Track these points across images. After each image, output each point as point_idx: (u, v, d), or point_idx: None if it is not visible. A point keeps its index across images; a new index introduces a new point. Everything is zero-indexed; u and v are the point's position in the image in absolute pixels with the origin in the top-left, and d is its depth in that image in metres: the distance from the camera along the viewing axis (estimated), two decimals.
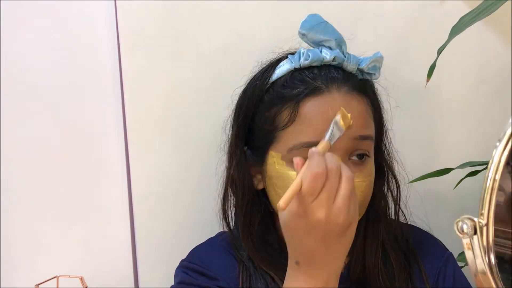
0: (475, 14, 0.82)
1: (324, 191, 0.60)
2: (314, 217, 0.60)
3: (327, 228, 0.61)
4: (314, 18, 0.79)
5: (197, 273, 0.81)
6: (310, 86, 0.76)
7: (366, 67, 0.80)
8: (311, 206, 0.60)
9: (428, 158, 1.05)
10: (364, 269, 0.81)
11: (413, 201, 0.92)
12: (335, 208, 0.60)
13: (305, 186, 0.60)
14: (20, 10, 0.98)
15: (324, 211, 0.60)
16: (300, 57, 0.79)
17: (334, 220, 0.60)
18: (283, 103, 0.77)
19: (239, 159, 0.82)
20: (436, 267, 0.85)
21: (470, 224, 0.51)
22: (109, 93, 1.01)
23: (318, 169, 0.60)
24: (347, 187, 0.61)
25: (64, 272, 0.89)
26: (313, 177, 0.60)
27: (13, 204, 1.00)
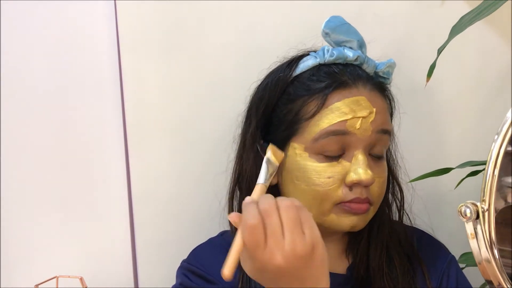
0: (475, 13, 0.82)
1: (269, 236, 0.58)
2: (272, 265, 0.58)
3: (291, 267, 0.58)
4: (337, 19, 0.82)
5: (196, 276, 0.82)
6: (337, 79, 0.78)
7: (382, 71, 0.83)
8: (264, 257, 0.58)
9: (428, 157, 1.05)
10: (368, 271, 0.82)
11: (416, 202, 0.92)
12: (287, 245, 0.58)
13: (247, 243, 0.58)
14: (20, 10, 0.98)
15: (277, 255, 0.58)
16: (324, 54, 0.81)
17: (292, 256, 0.58)
18: (310, 94, 0.78)
19: (256, 153, 0.82)
20: (439, 270, 0.85)
21: (473, 208, 0.53)
22: (109, 93, 1.01)
23: (253, 220, 0.58)
24: (291, 217, 0.59)
25: (64, 272, 0.89)
26: (250, 231, 0.58)
27: (13, 204, 1.00)
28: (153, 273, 1.03)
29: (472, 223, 0.53)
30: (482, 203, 0.53)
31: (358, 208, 0.76)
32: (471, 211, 0.53)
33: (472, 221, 0.53)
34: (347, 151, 0.77)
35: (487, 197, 0.52)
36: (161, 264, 1.02)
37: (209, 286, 0.80)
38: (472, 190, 0.96)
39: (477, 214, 0.52)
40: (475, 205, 0.53)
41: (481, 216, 0.52)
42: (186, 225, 1.02)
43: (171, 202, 1.02)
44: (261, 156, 0.81)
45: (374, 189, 0.78)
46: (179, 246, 0.90)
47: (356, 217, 0.77)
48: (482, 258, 0.53)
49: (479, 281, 0.97)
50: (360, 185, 0.76)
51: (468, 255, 0.96)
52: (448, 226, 1.02)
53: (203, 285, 0.81)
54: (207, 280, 0.81)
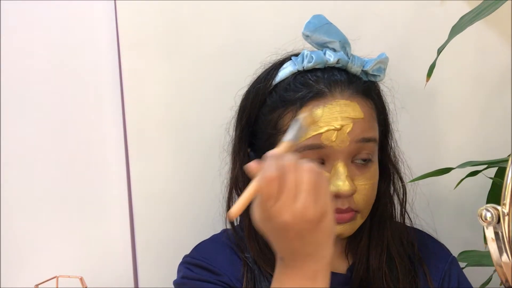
0: (475, 13, 0.82)
1: (283, 192, 0.57)
2: (280, 220, 0.57)
3: (297, 227, 0.57)
4: (318, 19, 0.79)
5: (200, 268, 0.81)
6: (313, 89, 0.76)
7: (371, 68, 0.80)
8: (273, 210, 0.57)
9: (428, 157, 1.05)
10: (368, 271, 0.81)
11: (416, 202, 0.92)
12: (299, 205, 0.57)
13: (262, 193, 0.57)
14: (20, 10, 0.98)
15: (287, 213, 0.56)
16: (303, 59, 0.78)
17: (301, 218, 0.57)
18: (286, 106, 0.77)
19: (242, 161, 0.82)
20: (441, 271, 0.85)
21: (494, 212, 0.51)
22: (109, 93, 1.01)
23: (271, 172, 0.57)
24: (309, 180, 0.57)
25: (64, 272, 0.88)
26: (266, 182, 0.57)
27: (13, 204, 1.00)
28: (153, 273, 1.03)
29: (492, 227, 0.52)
30: (503, 206, 0.52)
31: (341, 218, 0.76)
32: (492, 215, 0.52)
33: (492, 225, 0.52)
34: (327, 161, 0.75)
35: (508, 200, 0.51)
36: (161, 264, 1.02)
37: (214, 276, 0.79)
38: (472, 190, 0.96)
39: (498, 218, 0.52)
40: (496, 208, 0.52)
41: (502, 220, 0.51)
42: (186, 225, 1.02)
43: (171, 202, 1.02)
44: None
45: (358, 198, 0.76)
46: (179, 246, 0.90)
47: (340, 226, 0.76)
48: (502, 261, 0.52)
49: (479, 281, 0.97)
50: (340, 196, 0.74)
51: (467, 253, 0.96)
52: (448, 226, 1.03)
53: (206, 276, 0.80)
54: (211, 271, 0.80)
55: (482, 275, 0.98)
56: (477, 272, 0.96)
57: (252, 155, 0.83)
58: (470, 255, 0.96)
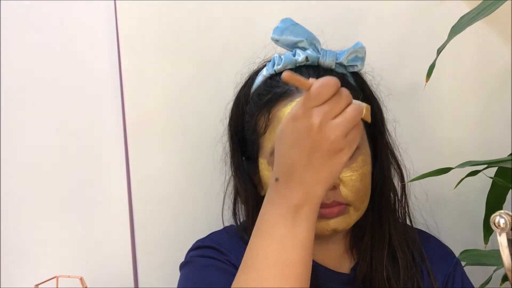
0: (475, 14, 0.82)
1: (328, 102, 0.57)
2: (309, 121, 0.57)
3: (316, 139, 0.57)
4: (285, 22, 0.81)
5: (208, 248, 0.82)
6: (280, 90, 0.78)
7: (345, 59, 0.80)
8: (310, 110, 0.57)
9: (427, 157, 1.04)
10: (371, 267, 0.81)
11: (415, 202, 0.92)
12: (332, 122, 0.57)
13: (313, 88, 0.57)
14: (20, 10, 0.98)
15: (320, 118, 0.57)
16: (274, 63, 0.81)
17: (326, 132, 0.57)
18: (259, 110, 0.79)
19: (237, 169, 0.84)
20: (445, 272, 0.85)
21: (507, 219, 0.51)
22: (109, 93, 1.01)
23: (333, 79, 0.57)
24: (352, 113, 0.58)
25: (64, 272, 0.89)
26: (323, 84, 0.57)
27: (13, 204, 1.00)
28: (153, 273, 1.03)
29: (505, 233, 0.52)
30: None
31: (328, 212, 0.76)
32: (506, 222, 0.51)
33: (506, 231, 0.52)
34: None
35: None
36: (161, 264, 1.02)
37: (221, 255, 0.80)
38: (472, 190, 0.96)
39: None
40: (509, 215, 0.52)
41: None
42: (186, 225, 1.02)
43: (171, 202, 1.02)
44: (246, 171, 0.84)
45: (345, 190, 0.76)
46: (179, 246, 0.90)
47: (332, 221, 0.77)
48: None
49: (479, 281, 0.97)
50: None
51: (468, 252, 0.96)
52: (448, 226, 1.02)
53: (214, 254, 0.80)
54: (219, 251, 0.81)
55: (482, 275, 0.98)
56: (477, 272, 0.96)
57: (245, 163, 0.85)
58: (471, 254, 0.96)
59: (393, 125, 0.89)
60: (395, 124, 0.89)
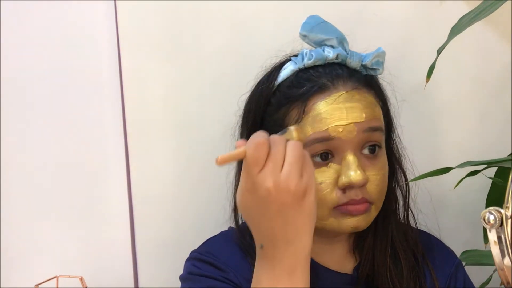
0: (475, 14, 0.82)
1: (269, 160, 0.58)
2: (263, 188, 0.58)
3: (279, 197, 0.58)
4: (314, 19, 0.80)
5: (207, 264, 0.81)
6: (316, 83, 0.77)
7: (370, 62, 0.80)
8: (258, 177, 0.58)
9: (427, 157, 1.05)
10: (373, 267, 0.81)
11: (415, 202, 0.92)
12: (282, 175, 0.58)
13: (249, 156, 0.58)
14: (20, 10, 0.98)
15: (271, 179, 0.58)
16: (303, 58, 0.79)
17: (284, 187, 0.58)
18: (291, 103, 0.77)
19: None
20: (447, 273, 0.85)
21: (497, 215, 0.52)
22: (109, 93, 1.01)
23: (262, 138, 0.59)
24: (293, 153, 0.59)
25: (64, 272, 0.89)
26: (255, 146, 0.58)
27: (13, 204, 1.00)
28: (153, 273, 1.03)
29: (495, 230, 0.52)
30: (506, 209, 0.52)
31: (356, 209, 0.75)
32: (495, 218, 0.52)
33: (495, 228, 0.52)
34: (336, 154, 0.75)
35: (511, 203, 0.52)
36: (161, 264, 1.02)
37: (220, 273, 0.80)
38: (471, 190, 0.96)
39: (501, 221, 0.52)
40: (499, 211, 0.52)
41: (505, 223, 0.52)
42: (186, 225, 1.02)
43: (171, 202, 1.02)
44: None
45: (371, 188, 0.76)
46: (179, 246, 0.90)
47: (355, 218, 0.76)
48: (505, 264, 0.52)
49: (479, 281, 0.97)
50: (353, 186, 0.74)
51: (468, 252, 0.96)
52: (448, 226, 1.02)
53: (212, 272, 0.80)
54: (218, 268, 0.80)
55: (482, 275, 0.98)
56: (477, 271, 0.96)
57: None
58: (471, 254, 0.96)
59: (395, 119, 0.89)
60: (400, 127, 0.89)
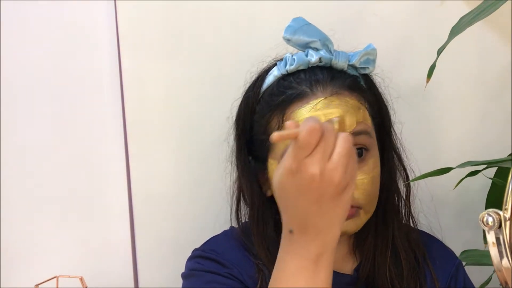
0: (475, 14, 0.82)
1: (319, 147, 0.57)
2: (308, 173, 0.57)
3: (321, 186, 0.57)
4: (297, 21, 0.80)
5: (209, 260, 0.81)
6: (296, 91, 0.77)
7: (358, 61, 0.80)
8: (305, 161, 0.57)
9: (428, 157, 1.05)
10: (374, 268, 0.81)
11: (415, 202, 0.92)
12: (330, 165, 0.57)
13: (301, 138, 0.57)
14: (20, 11, 0.98)
15: (318, 167, 0.56)
16: (286, 63, 0.79)
17: (328, 177, 0.57)
18: (272, 111, 0.78)
19: (243, 169, 0.83)
20: (448, 274, 0.85)
21: (495, 217, 0.52)
22: (109, 93, 1.01)
23: (314, 123, 0.57)
24: (343, 145, 0.58)
25: (64, 272, 0.89)
26: (308, 131, 0.57)
27: (13, 204, 1.00)
28: (153, 273, 1.03)
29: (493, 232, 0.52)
30: (505, 211, 0.52)
31: None
32: (494, 220, 0.52)
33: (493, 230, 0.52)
34: None
35: (509, 205, 0.52)
36: (161, 264, 1.02)
37: (224, 269, 0.79)
38: (471, 190, 0.96)
39: (500, 223, 0.52)
40: (497, 213, 0.52)
41: (503, 224, 0.52)
42: (187, 225, 1.02)
43: (171, 202, 1.02)
44: (254, 172, 0.82)
45: (357, 193, 0.75)
46: (179, 246, 0.90)
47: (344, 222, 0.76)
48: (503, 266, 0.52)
49: (479, 281, 0.97)
50: None
51: (468, 252, 0.96)
52: (448, 226, 1.02)
53: (216, 268, 0.79)
54: (220, 263, 0.80)
55: (482, 275, 0.98)
56: (477, 271, 0.96)
57: (253, 163, 0.83)
58: (471, 254, 0.96)
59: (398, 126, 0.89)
60: (400, 126, 0.89)
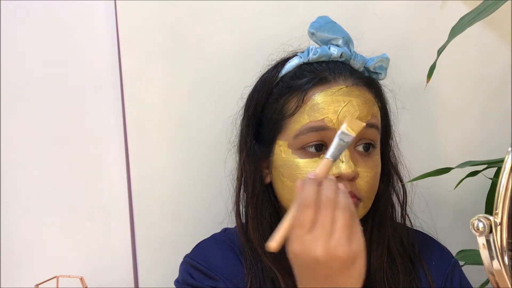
0: (475, 14, 0.82)
1: (319, 225, 0.57)
2: (311, 256, 0.57)
3: (327, 265, 0.57)
4: (323, 19, 0.83)
5: (198, 272, 0.82)
6: (317, 76, 0.79)
7: (373, 66, 0.83)
8: (306, 243, 0.57)
9: (427, 157, 1.05)
10: (369, 272, 0.81)
11: (415, 202, 0.92)
12: (333, 242, 0.56)
13: (297, 219, 0.58)
14: (20, 10, 0.98)
15: (320, 247, 0.56)
16: (309, 53, 0.82)
17: (334, 255, 0.56)
18: (291, 92, 0.79)
19: (248, 152, 0.84)
20: (443, 273, 0.85)
21: (486, 222, 0.52)
22: (109, 93, 1.01)
23: (307, 199, 0.58)
24: (345, 217, 0.58)
25: (64, 272, 0.89)
26: (301, 209, 0.58)
27: (13, 204, 1.00)
28: (153, 273, 1.03)
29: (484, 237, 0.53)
30: (495, 216, 0.53)
31: None
32: (484, 225, 0.52)
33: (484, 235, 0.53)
34: (329, 144, 0.75)
35: (500, 210, 0.52)
36: (161, 264, 1.02)
37: (210, 282, 0.81)
38: (471, 190, 0.96)
39: (490, 228, 0.52)
40: (488, 219, 0.53)
41: (494, 229, 0.52)
42: (186, 225, 1.02)
43: (171, 202, 1.02)
44: (257, 157, 0.83)
45: (361, 184, 0.77)
46: (179, 246, 0.90)
47: None
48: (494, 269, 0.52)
49: (479, 281, 0.97)
50: (342, 178, 0.74)
51: (465, 252, 0.96)
52: (448, 226, 1.02)
53: (204, 281, 0.81)
54: (208, 276, 0.81)
55: (481, 275, 0.98)
56: (477, 271, 0.96)
57: (257, 147, 0.84)
58: (469, 254, 0.96)
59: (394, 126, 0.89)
60: (395, 124, 0.89)
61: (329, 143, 0.75)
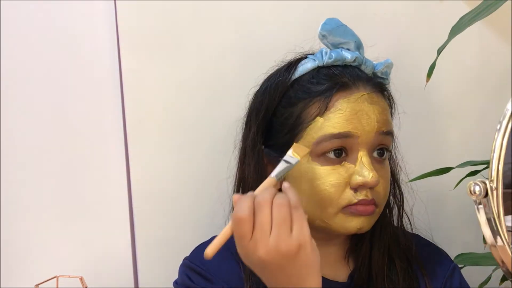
0: (475, 14, 0.82)
1: (256, 229, 0.61)
2: (255, 258, 0.61)
3: (273, 261, 0.61)
4: (333, 21, 0.82)
5: (196, 274, 0.82)
6: (338, 81, 0.78)
7: (380, 71, 0.83)
8: (249, 248, 0.61)
9: (427, 157, 1.05)
10: (370, 276, 0.81)
11: (415, 202, 0.92)
12: (271, 240, 0.60)
13: (234, 233, 0.62)
14: (20, 10, 0.98)
15: (262, 249, 0.61)
16: (323, 56, 0.81)
17: (275, 251, 0.60)
18: (311, 97, 0.78)
19: (257, 159, 0.82)
20: (442, 277, 0.85)
21: (482, 186, 0.54)
22: (109, 93, 1.01)
23: (242, 213, 0.61)
24: (279, 213, 0.61)
25: (64, 272, 0.89)
26: (237, 222, 0.61)
27: (13, 204, 1.00)
28: (153, 273, 1.03)
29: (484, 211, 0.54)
30: (491, 182, 0.55)
31: (365, 210, 0.76)
32: (481, 188, 0.54)
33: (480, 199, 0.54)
34: (350, 152, 0.76)
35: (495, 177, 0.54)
36: (161, 264, 1.02)
37: (208, 284, 0.81)
38: None
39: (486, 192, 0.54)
40: (484, 183, 0.54)
41: (490, 193, 0.54)
42: (187, 225, 1.02)
43: (171, 202, 1.02)
44: (262, 161, 0.82)
45: (379, 190, 0.77)
46: (179, 246, 0.90)
47: (362, 219, 0.76)
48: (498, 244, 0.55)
49: (478, 281, 0.97)
50: (366, 187, 0.75)
51: (464, 255, 0.96)
52: (447, 226, 1.02)
53: (202, 284, 0.81)
54: (206, 279, 0.81)
55: (481, 275, 0.98)
56: (476, 271, 0.96)
57: (267, 151, 0.82)
58: (468, 257, 0.96)
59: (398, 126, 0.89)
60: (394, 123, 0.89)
61: (349, 150, 0.76)
